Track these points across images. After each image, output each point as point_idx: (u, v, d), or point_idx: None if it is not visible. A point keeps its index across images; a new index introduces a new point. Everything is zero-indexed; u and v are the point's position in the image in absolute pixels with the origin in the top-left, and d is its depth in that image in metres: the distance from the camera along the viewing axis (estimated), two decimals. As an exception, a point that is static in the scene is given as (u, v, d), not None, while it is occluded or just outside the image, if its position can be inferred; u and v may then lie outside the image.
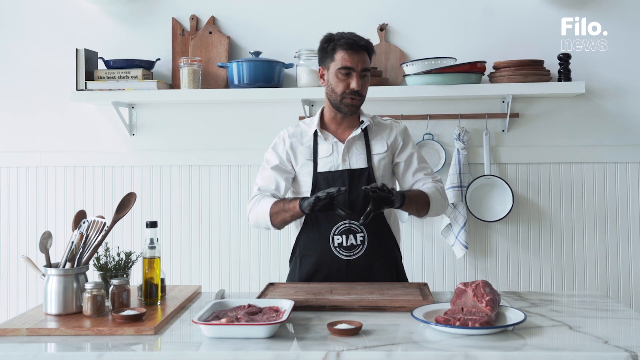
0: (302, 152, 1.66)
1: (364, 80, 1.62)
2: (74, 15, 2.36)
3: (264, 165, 1.70)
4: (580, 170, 2.26)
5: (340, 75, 1.60)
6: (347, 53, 1.59)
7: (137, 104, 2.36)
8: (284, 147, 1.67)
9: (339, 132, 1.67)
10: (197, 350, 1.12)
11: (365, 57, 1.61)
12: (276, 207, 1.58)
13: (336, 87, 1.61)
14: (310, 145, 1.66)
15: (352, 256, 1.60)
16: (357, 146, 1.65)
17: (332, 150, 1.64)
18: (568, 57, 2.15)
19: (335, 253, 1.60)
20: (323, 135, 1.66)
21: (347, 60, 1.59)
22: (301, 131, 1.69)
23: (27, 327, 1.22)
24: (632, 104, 2.24)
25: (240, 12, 2.32)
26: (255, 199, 1.65)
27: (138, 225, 2.33)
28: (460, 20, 2.26)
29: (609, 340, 1.13)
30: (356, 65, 1.59)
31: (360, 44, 1.60)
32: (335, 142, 1.65)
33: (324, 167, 1.63)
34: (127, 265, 1.47)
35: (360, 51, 1.59)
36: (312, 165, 1.64)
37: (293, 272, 1.68)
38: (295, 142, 1.67)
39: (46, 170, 2.38)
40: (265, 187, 1.66)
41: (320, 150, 1.65)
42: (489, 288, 1.27)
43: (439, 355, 1.08)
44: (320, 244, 1.61)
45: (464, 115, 2.25)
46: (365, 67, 1.61)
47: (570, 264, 2.26)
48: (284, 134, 1.70)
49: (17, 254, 2.37)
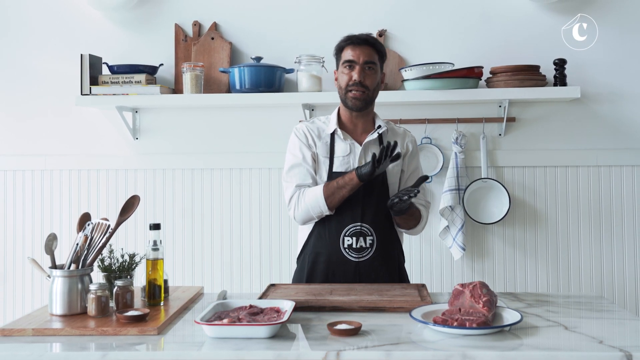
0: (320, 148, 1.66)
1: (369, 72, 1.62)
2: (79, 22, 2.38)
3: (291, 160, 1.67)
4: (575, 173, 2.28)
5: (345, 69, 1.63)
6: (350, 47, 1.63)
7: (141, 109, 2.38)
8: (307, 140, 1.67)
9: (355, 133, 1.69)
10: (200, 350, 1.12)
11: (369, 50, 1.63)
12: (329, 190, 1.58)
13: (341, 82, 1.64)
14: (328, 142, 1.66)
15: (361, 258, 1.62)
16: (373, 149, 1.66)
17: (350, 151, 1.65)
18: (564, 62, 2.16)
19: (344, 254, 1.62)
20: (342, 135, 1.66)
21: (349, 54, 1.62)
22: (318, 127, 1.70)
23: (33, 328, 1.23)
24: (626, 109, 2.26)
25: (242, 18, 2.34)
26: (296, 195, 1.63)
27: (142, 228, 2.35)
28: (458, 26, 2.29)
29: (604, 340, 1.14)
30: (357, 57, 1.61)
31: (362, 38, 1.63)
32: (352, 143, 1.66)
33: (340, 167, 1.64)
34: (131, 267, 1.48)
35: (362, 44, 1.62)
36: (328, 163, 1.65)
37: (301, 270, 1.69)
38: (315, 136, 1.67)
39: (51, 174, 2.40)
40: (301, 182, 1.64)
41: (337, 149, 1.66)
42: (486, 289, 1.28)
43: (437, 355, 1.09)
44: (330, 245, 1.62)
45: (462, 120, 2.27)
46: (369, 59, 1.62)
47: (566, 266, 2.28)
48: (303, 129, 1.69)
49: (23, 256, 2.39)
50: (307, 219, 1.64)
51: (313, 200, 1.60)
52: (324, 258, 1.64)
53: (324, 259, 1.64)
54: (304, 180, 1.65)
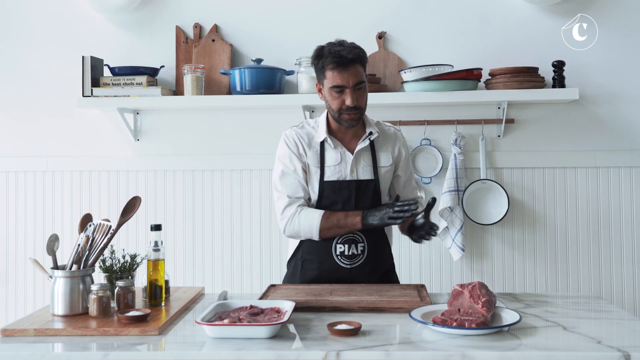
0: (311, 157, 1.62)
1: (359, 92, 1.55)
2: (81, 24, 2.39)
3: (282, 169, 1.62)
4: (574, 174, 2.29)
5: (334, 93, 1.55)
6: (337, 71, 1.52)
7: (142, 110, 2.39)
8: (298, 150, 1.62)
9: (345, 139, 1.64)
10: (201, 350, 1.13)
11: (357, 69, 1.54)
12: (327, 223, 1.55)
13: (332, 104, 1.57)
14: (318, 151, 1.62)
15: (353, 264, 1.61)
16: (364, 157, 1.63)
17: (341, 160, 1.61)
18: (562, 64, 2.17)
19: (336, 261, 1.62)
20: (332, 143, 1.62)
21: (338, 79, 1.53)
22: (308, 133, 1.64)
23: (35, 328, 1.23)
24: (624, 110, 2.27)
25: (243, 21, 2.35)
26: (292, 211, 1.58)
27: (143, 228, 2.36)
28: (457, 28, 2.29)
29: (602, 340, 1.15)
30: (347, 82, 1.53)
31: (349, 58, 1.51)
32: (343, 152, 1.62)
33: (332, 176, 1.61)
34: (132, 267, 1.48)
35: (349, 66, 1.52)
36: (319, 173, 1.61)
37: (293, 274, 1.68)
38: (305, 145, 1.62)
39: (53, 175, 2.41)
40: (293, 194, 1.60)
41: (328, 157, 1.61)
42: (485, 289, 1.29)
43: (436, 355, 1.09)
44: (322, 251, 1.61)
45: (461, 121, 2.28)
46: (358, 80, 1.54)
47: (564, 266, 2.29)
48: (293, 136, 1.63)
49: (25, 257, 2.40)
50: (295, 237, 1.63)
51: (307, 226, 1.57)
52: (316, 265, 1.63)
53: (316, 265, 1.63)
54: (295, 192, 1.60)
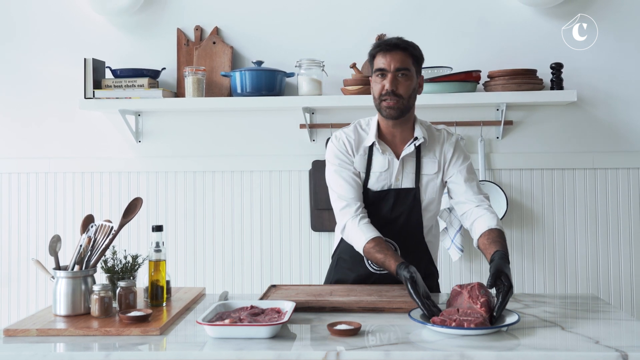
0: (358, 162, 1.59)
1: (402, 79, 1.52)
2: (83, 26, 2.40)
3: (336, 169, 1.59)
4: (572, 176, 2.30)
5: (377, 78, 1.54)
6: (380, 55, 1.53)
7: (143, 112, 2.40)
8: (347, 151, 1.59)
9: (394, 143, 1.60)
10: (201, 350, 1.13)
11: (401, 56, 1.52)
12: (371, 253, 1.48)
13: (374, 91, 1.56)
14: (366, 155, 1.59)
15: (382, 271, 1.60)
16: (409, 163, 1.59)
17: (388, 166, 1.58)
18: (560, 66, 2.18)
19: (367, 266, 1.62)
20: (381, 147, 1.58)
21: (380, 62, 1.53)
22: (359, 137, 1.61)
23: (37, 328, 1.23)
24: (622, 112, 2.27)
25: (243, 23, 2.36)
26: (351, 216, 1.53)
27: (144, 229, 2.37)
28: (456, 30, 2.31)
29: (600, 340, 1.15)
30: (388, 65, 1.51)
31: (392, 43, 1.52)
32: (391, 158, 1.58)
33: (376, 184, 1.58)
34: (134, 268, 1.49)
35: (392, 50, 1.52)
36: (364, 177, 1.58)
37: (331, 268, 1.72)
38: (353, 148, 1.59)
39: (55, 176, 2.42)
40: (345, 196, 1.56)
41: (375, 163, 1.58)
42: (483, 290, 1.28)
43: (436, 355, 1.09)
44: (355, 254, 1.59)
45: (460, 123, 2.29)
46: (401, 66, 1.51)
47: (563, 267, 2.30)
48: (342, 137, 1.61)
49: (27, 257, 2.41)
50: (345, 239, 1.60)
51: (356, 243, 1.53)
52: (349, 266, 1.64)
53: (349, 266, 1.64)
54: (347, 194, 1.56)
